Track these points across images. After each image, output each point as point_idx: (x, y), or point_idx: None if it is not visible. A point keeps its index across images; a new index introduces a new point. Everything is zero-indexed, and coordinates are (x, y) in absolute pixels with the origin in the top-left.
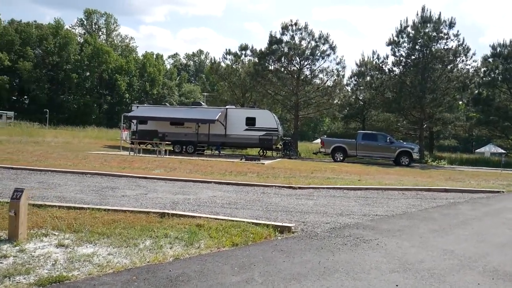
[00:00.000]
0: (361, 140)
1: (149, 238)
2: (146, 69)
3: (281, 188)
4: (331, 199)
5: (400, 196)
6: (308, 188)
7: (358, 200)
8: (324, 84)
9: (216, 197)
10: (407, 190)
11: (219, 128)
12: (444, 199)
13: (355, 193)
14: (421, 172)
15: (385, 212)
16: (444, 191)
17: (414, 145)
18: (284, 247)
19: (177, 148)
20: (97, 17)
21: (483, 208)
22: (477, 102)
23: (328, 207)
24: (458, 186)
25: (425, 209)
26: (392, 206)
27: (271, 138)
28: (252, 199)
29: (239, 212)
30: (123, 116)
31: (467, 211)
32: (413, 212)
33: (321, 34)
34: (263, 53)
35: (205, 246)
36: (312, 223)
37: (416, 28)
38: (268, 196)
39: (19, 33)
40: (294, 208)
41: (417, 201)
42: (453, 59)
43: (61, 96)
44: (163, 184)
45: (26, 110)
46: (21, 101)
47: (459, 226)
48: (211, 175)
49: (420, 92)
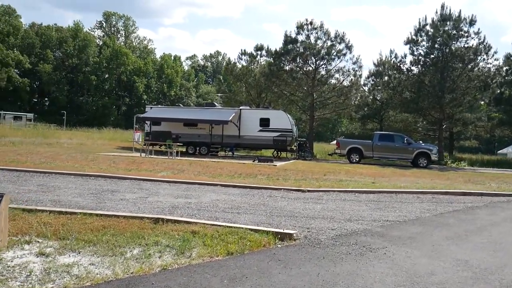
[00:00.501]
0: (377, 141)
1: (138, 246)
2: (164, 70)
3: (289, 191)
4: (341, 203)
5: (414, 200)
6: (318, 191)
7: (369, 204)
8: (340, 84)
9: (219, 200)
10: (422, 194)
11: (232, 129)
12: (462, 203)
13: (367, 197)
14: (439, 174)
15: (397, 217)
16: (462, 195)
17: (433, 146)
18: (282, 256)
19: (191, 150)
20: (116, 19)
21: (502, 213)
22: (499, 102)
23: (337, 212)
24: (477, 189)
25: (440, 214)
26: (405, 211)
27: (286, 139)
28: (257, 203)
29: (241, 217)
30: (136, 117)
31: (485, 216)
32: (427, 218)
33: (337, 33)
34: (278, 53)
35: (197, 255)
36: (317, 229)
37: (435, 26)
38: (275, 199)
39: (39, 36)
40: (300, 212)
41: (432, 205)
42: (473, 57)
43: (80, 98)
44: (166, 187)
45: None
46: (41, 103)
47: (475, 233)
48: (219, 177)
49: (439, 91)
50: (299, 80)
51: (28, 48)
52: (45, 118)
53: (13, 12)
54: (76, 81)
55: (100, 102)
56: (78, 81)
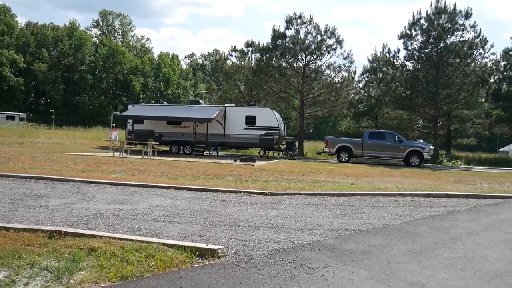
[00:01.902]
0: (367, 139)
1: (7, 269)
2: (161, 69)
3: (250, 195)
4: (302, 208)
5: (389, 204)
6: (283, 195)
7: (334, 210)
8: (331, 80)
9: (159, 206)
10: (401, 196)
11: (217, 127)
12: (442, 207)
13: (336, 200)
14: (430, 174)
15: (361, 225)
16: (446, 197)
17: (425, 144)
18: (188, 281)
19: (174, 149)
20: (113, 18)
21: (485, 219)
22: (497, 98)
23: (291, 219)
24: (465, 191)
25: (414, 220)
26: (374, 217)
27: (272, 137)
28: (201, 209)
29: (170, 228)
30: (113, 115)
31: (465, 223)
32: (395, 225)
33: (327, 28)
34: (265, 48)
35: (80, 281)
36: (255, 242)
37: (429, 20)
38: (227, 204)
39: (34, 35)
40: (247, 221)
41: (408, 210)
42: (469, 51)
43: (76, 97)
44: (109, 191)
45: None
46: (37, 103)
47: (446, 246)
48: (182, 179)
49: (433, 87)
50: (288, 76)
51: (23, 47)
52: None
53: (8, 10)
54: (72, 80)
55: (97, 101)
56: (74, 80)
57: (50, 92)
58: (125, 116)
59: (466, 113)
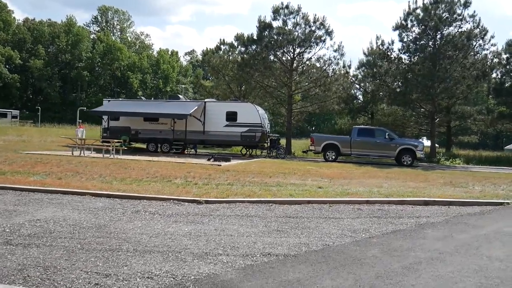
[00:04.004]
0: (356, 137)
1: None
2: (160, 66)
3: (179, 203)
4: (230, 222)
5: (349, 214)
6: (220, 203)
7: (272, 224)
8: (321, 74)
9: (41, 220)
10: (368, 204)
11: (197, 124)
12: (414, 218)
13: (284, 210)
14: (419, 175)
15: (292, 247)
16: (424, 204)
17: (418, 141)
18: None
19: (152, 147)
20: (112, 14)
21: (462, 235)
22: (499, 93)
23: (201, 239)
24: (449, 196)
25: (368, 238)
26: (317, 234)
27: (255, 134)
28: (93, 225)
29: (12, 256)
30: (79, 111)
31: (432, 242)
32: (339, 247)
33: (316, 18)
34: (250, 40)
35: None
36: (118, 279)
37: (425, 9)
38: (133, 218)
39: (31, 31)
40: (139, 242)
41: (369, 222)
42: (467, 43)
43: (73, 94)
44: (1, 198)
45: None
46: (33, 100)
47: (392, 280)
48: (117, 182)
49: (429, 81)
50: (274, 70)
51: (19, 44)
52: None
53: (4, 7)
54: (69, 77)
55: (94, 99)
56: (71, 77)
57: (47, 89)
58: (99, 112)
59: (467, 109)
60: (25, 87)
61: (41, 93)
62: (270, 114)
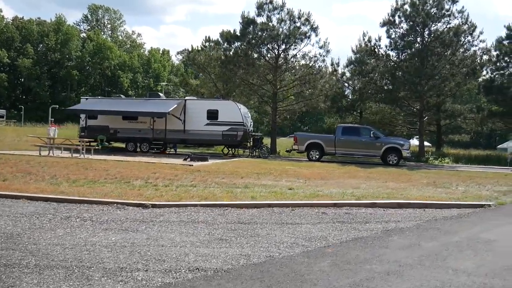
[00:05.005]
0: (341, 135)
1: None
2: (151, 65)
3: (122, 207)
4: (171, 229)
5: (310, 219)
6: (169, 207)
7: (217, 231)
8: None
9: None
10: (335, 207)
11: (177, 123)
12: (382, 223)
13: (238, 215)
14: (403, 174)
15: (229, 259)
16: (397, 207)
17: (404, 140)
18: None
19: (131, 147)
20: (102, 13)
21: (431, 243)
22: (489, 90)
23: (124, 251)
24: (427, 198)
25: (323, 248)
26: (264, 244)
27: (236, 133)
28: (4, 234)
29: None
30: (51, 109)
31: (395, 252)
32: (284, 259)
33: (300, 13)
34: (233, 36)
35: None
36: None
37: (413, 5)
38: (61, 224)
39: (19, 30)
40: (47, 255)
41: (330, 228)
42: (455, 39)
43: (63, 93)
44: None
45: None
46: (22, 99)
47: None
48: (67, 184)
49: (416, 78)
50: (258, 67)
51: (7, 42)
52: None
53: None
54: (59, 76)
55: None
56: (61, 76)
57: (35, 88)
58: (76, 111)
59: (457, 108)
60: (13, 87)
61: (30, 93)
62: (255, 112)
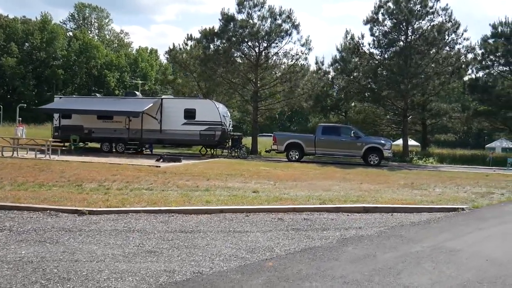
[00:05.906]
0: (321, 135)
1: None
2: (138, 64)
3: (56, 214)
4: (97, 239)
5: (263, 226)
6: (109, 213)
7: (152, 241)
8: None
9: None
10: (295, 212)
11: (153, 122)
12: (341, 230)
13: (183, 222)
14: (381, 175)
15: (151, 276)
16: (363, 212)
17: (386, 140)
18: None
19: (106, 147)
20: (89, 12)
21: (389, 254)
22: (474, 89)
23: (27, 268)
24: (397, 201)
25: (263, 261)
26: (200, 256)
27: (214, 133)
28: None
29: None
30: (18, 108)
31: (345, 265)
32: (216, 275)
33: (282, 10)
34: (211, 33)
35: None
36: None
37: (396, 2)
38: None
39: (3, 28)
40: None
41: (282, 236)
42: (439, 36)
43: (48, 93)
44: None
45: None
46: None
47: None
48: (12, 187)
49: (399, 77)
50: (239, 65)
51: None
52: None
53: None
54: (44, 75)
55: None
56: (46, 76)
57: (20, 87)
58: (49, 110)
59: (443, 107)
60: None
61: (15, 92)
62: (237, 111)
